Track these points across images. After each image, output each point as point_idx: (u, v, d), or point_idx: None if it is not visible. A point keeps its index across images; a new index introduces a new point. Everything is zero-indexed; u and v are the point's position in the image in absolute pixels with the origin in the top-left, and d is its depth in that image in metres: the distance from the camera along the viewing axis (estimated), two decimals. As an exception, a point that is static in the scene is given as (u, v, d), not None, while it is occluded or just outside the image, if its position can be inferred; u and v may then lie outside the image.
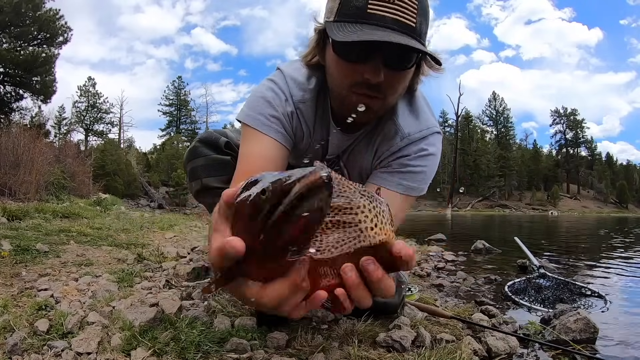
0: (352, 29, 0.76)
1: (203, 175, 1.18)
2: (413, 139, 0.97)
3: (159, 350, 0.86)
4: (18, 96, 19.40)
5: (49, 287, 1.25)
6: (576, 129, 47.56)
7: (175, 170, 28.87)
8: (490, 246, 3.04)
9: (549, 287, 1.74)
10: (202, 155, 1.21)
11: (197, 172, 1.20)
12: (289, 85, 0.96)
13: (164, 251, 1.92)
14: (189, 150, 1.25)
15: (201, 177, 1.18)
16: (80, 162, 9.68)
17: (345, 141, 1.03)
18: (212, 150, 1.21)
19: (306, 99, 0.97)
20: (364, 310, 1.10)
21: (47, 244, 1.87)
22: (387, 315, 1.13)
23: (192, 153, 1.23)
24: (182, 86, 42.89)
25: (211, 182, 1.17)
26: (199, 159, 1.20)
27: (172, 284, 1.39)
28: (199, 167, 1.20)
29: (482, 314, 1.26)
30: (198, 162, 1.20)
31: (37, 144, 6.33)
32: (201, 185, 1.18)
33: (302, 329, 1.02)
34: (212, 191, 1.17)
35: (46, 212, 3.10)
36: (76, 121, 35.17)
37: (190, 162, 1.22)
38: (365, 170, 1.05)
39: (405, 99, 0.98)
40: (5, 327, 0.91)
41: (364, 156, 1.03)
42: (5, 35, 17.51)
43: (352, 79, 0.82)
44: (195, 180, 1.20)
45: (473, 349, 0.95)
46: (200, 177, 1.18)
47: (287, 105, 0.96)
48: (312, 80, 0.96)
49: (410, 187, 0.97)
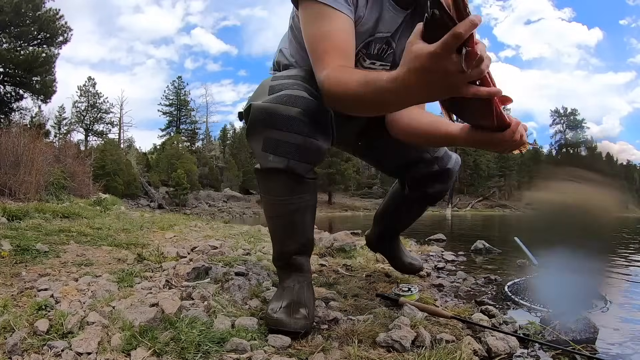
0: None
1: (290, 156, 0.96)
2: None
3: (159, 350, 0.86)
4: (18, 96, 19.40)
5: (49, 287, 1.25)
6: (576, 129, 47.57)
7: (175, 170, 28.87)
8: (490, 246, 3.03)
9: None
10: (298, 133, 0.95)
11: (283, 147, 0.96)
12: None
13: (164, 251, 1.92)
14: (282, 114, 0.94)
15: (288, 157, 0.96)
16: (80, 162, 9.68)
17: (396, 19, 1.07)
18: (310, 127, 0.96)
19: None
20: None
21: (47, 244, 1.87)
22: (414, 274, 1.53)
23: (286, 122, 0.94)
24: (182, 86, 42.87)
25: (297, 168, 0.98)
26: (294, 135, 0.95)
27: (172, 284, 1.39)
28: (290, 143, 0.96)
29: (482, 314, 1.26)
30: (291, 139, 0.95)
31: (37, 144, 6.32)
32: (285, 166, 0.97)
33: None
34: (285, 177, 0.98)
35: (46, 212, 3.10)
36: (76, 121, 35.16)
37: (275, 130, 0.95)
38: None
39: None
40: (5, 327, 0.91)
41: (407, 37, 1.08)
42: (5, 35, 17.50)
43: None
44: (278, 156, 0.97)
45: (473, 349, 0.95)
46: (287, 157, 0.97)
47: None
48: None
49: None
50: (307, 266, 1.15)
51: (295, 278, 1.11)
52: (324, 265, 1.90)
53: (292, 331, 0.98)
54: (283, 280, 1.12)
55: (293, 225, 1.08)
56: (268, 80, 1.04)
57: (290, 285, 1.09)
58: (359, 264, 2.01)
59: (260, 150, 0.98)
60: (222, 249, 2.08)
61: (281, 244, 1.12)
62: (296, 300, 1.05)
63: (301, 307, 1.04)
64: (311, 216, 1.10)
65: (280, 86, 0.98)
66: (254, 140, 0.99)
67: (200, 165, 34.38)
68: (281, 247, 1.13)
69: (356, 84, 0.83)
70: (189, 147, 39.69)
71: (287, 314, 1.01)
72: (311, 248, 1.17)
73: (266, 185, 1.05)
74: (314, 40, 0.96)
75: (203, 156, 38.80)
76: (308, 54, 0.99)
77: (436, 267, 2.12)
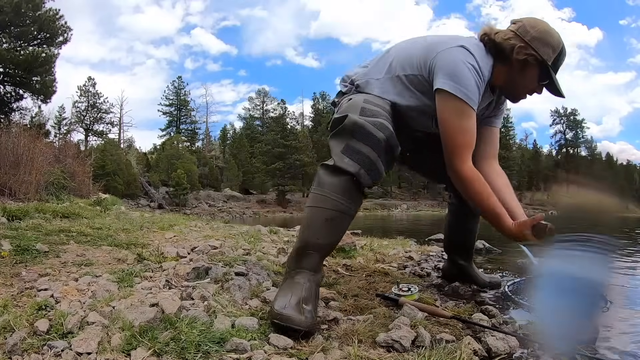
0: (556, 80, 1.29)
1: (363, 166, 1.13)
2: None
3: (159, 350, 0.86)
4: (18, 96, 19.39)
5: (49, 287, 1.25)
6: (576, 129, 47.55)
7: (175, 170, 28.86)
8: (490, 246, 3.04)
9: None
10: (376, 152, 1.15)
11: (360, 157, 1.14)
12: (481, 66, 1.23)
13: (164, 251, 1.92)
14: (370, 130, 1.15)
15: (361, 166, 1.13)
16: (80, 162, 9.66)
17: (485, 101, 1.37)
18: (385, 153, 1.17)
19: (485, 78, 1.27)
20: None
21: (47, 244, 1.87)
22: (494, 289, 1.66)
23: (372, 140, 1.14)
24: (182, 86, 42.83)
25: (362, 178, 1.14)
26: (373, 152, 1.14)
27: (172, 284, 1.38)
28: (368, 157, 1.14)
29: (482, 314, 1.26)
30: (370, 154, 1.14)
31: (37, 144, 6.31)
32: (355, 171, 1.13)
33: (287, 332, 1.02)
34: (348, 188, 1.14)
35: (46, 212, 3.09)
36: (76, 121, 35.13)
37: (360, 142, 1.14)
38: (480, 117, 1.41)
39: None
40: (5, 327, 0.91)
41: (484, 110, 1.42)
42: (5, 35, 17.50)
43: (533, 91, 1.34)
44: (353, 162, 1.13)
45: (473, 349, 0.95)
46: (360, 165, 1.13)
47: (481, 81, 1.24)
48: (488, 63, 1.28)
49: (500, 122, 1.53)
50: (321, 268, 1.19)
51: (306, 275, 1.12)
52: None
53: (302, 329, 0.98)
54: (294, 276, 1.12)
55: (333, 222, 1.15)
56: (360, 99, 1.24)
57: (300, 281, 1.10)
58: (359, 264, 2.01)
59: (339, 151, 1.15)
60: (222, 249, 2.08)
61: (314, 235, 1.15)
62: (305, 297, 1.07)
63: (308, 305, 1.05)
64: (347, 225, 1.20)
65: (372, 112, 1.19)
66: (336, 141, 1.17)
67: (200, 165, 34.37)
68: (312, 238, 1.14)
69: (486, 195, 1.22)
70: (189, 147, 39.66)
71: (298, 311, 1.02)
72: (329, 253, 1.27)
73: (327, 180, 1.15)
74: (455, 131, 1.22)
75: (203, 156, 38.77)
76: (444, 137, 1.24)
77: (436, 267, 2.12)
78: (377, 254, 2.40)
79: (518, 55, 1.25)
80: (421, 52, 1.27)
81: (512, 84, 1.33)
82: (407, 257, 2.38)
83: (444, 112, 1.22)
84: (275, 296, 1.10)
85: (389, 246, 2.83)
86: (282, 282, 1.16)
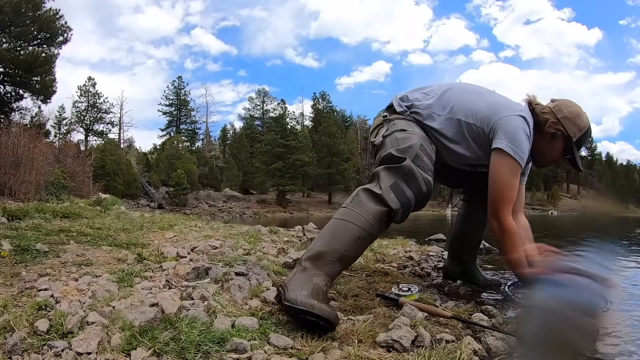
0: (578, 155, 1.50)
1: (402, 207, 1.29)
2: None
3: (159, 350, 0.86)
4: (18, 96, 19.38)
5: (49, 287, 1.25)
6: (576, 129, 47.44)
7: (175, 170, 28.85)
8: (490, 246, 3.03)
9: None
10: (416, 198, 1.32)
11: (404, 199, 1.30)
12: (530, 135, 1.42)
13: (164, 251, 1.92)
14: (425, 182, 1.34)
15: (400, 206, 1.28)
16: (80, 162, 9.66)
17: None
18: (422, 200, 1.34)
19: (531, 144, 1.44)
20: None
21: (47, 244, 1.87)
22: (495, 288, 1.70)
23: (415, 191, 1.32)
24: (182, 86, 42.83)
25: (396, 216, 1.30)
26: (413, 196, 1.31)
27: (172, 284, 1.38)
28: (409, 200, 1.31)
29: (482, 314, 1.26)
30: (411, 199, 1.31)
31: (37, 144, 6.32)
32: (394, 209, 1.27)
33: (302, 329, 1.02)
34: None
35: (46, 212, 3.09)
36: (76, 121, 35.11)
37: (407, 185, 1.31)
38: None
39: None
40: (5, 327, 0.91)
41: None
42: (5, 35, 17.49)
43: (557, 160, 1.54)
44: (397, 200, 1.28)
45: (473, 349, 0.95)
46: (400, 206, 1.28)
47: (530, 147, 1.42)
48: (532, 130, 1.45)
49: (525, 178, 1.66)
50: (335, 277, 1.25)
51: (324, 279, 1.14)
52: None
53: (333, 321, 1.00)
54: (312, 276, 1.13)
55: (362, 240, 1.24)
56: (417, 143, 1.39)
57: (319, 282, 1.12)
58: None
59: (387, 185, 1.29)
60: (222, 249, 2.08)
61: (343, 247, 1.20)
62: (325, 298, 1.10)
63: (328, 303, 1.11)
64: (365, 247, 1.33)
65: (424, 165, 1.36)
66: (389, 175, 1.31)
67: (200, 165, 34.38)
68: (341, 249, 1.20)
69: (519, 248, 1.40)
70: (189, 147, 39.66)
71: (325, 303, 1.06)
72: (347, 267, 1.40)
73: (367, 203, 1.27)
74: (506, 186, 1.39)
75: (203, 156, 38.79)
76: (494, 189, 1.40)
77: (436, 267, 2.12)
78: (377, 254, 2.40)
79: (549, 129, 1.45)
80: (486, 109, 1.45)
81: (541, 151, 1.49)
82: (407, 257, 2.38)
83: (499, 168, 1.39)
84: (288, 287, 1.10)
85: (389, 246, 2.83)
86: (295, 276, 1.15)
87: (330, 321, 0.99)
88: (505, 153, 1.36)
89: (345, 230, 1.23)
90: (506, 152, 1.36)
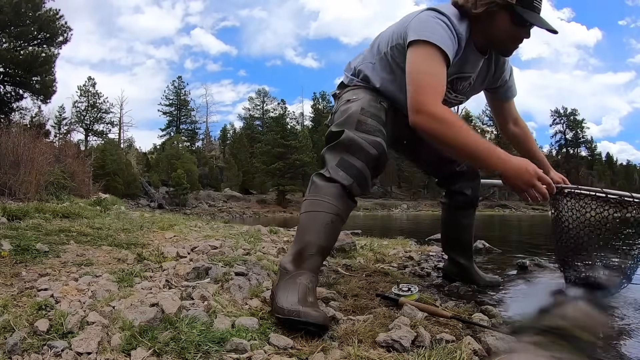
0: (529, 15, 1.24)
1: (355, 180, 1.21)
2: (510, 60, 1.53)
3: (159, 350, 0.86)
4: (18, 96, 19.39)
5: (49, 287, 1.25)
6: (576, 129, 47.53)
7: (175, 170, 28.85)
8: (490, 246, 3.03)
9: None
10: (368, 168, 1.23)
11: (354, 171, 1.21)
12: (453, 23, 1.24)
13: (164, 251, 1.92)
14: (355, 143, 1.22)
15: (354, 179, 1.21)
16: (80, 162, 9.66)
17: (478, 62, 1.41)
18: (376, 169, 1.25)
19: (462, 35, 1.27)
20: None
21: (47, 244, 1.87)
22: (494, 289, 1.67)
23: (366, 157, 1.22)
24: (182, 86, 42.85)
25: (354, 190, 1.22)
26: (365, 167, 1.22)
27: (172, 284, 1.38)
28: (360, 171, 1.22)
29: (482, 314, 1.26)
30: (363, 169, 1.22)
31: (37, 144, 6.31)
32: (349, 184, 1.20)
33: (301, 329, 1.02)
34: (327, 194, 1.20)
35: (46, 212, 3.09)
36: (76, 121, 35.13)
37: (354, 157, 1.21)
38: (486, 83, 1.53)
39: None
40: (5, 327, 0.91)
41: (485, 74, 1.49)
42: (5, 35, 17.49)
43: (517, 37, 1.31)
44: (347, 175, 1.20)
45: (473, 349, 0.95)
46: (353, 179, 1.21)
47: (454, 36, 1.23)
48: (462, 23, 1.28)
49: (515, 90, 1.61)
50: (320, 272, 1.23)
51: (308, 277, 1.13)
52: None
53: (322, 324, 0.99)
54: (296, 277, 1.12)
55: (332, 225, 1.19)
56: (357, 110, 1.29)
57: (304, 282, 1.10)
58: (359, 264, 2.01)
59: (334, 164, 1.22)
60: (222, 249, 2.08)
61: (316, 237, 1.17)
62: (313, 298, 1.09)
63: (317, 303, 1.09)
64: (339, 228, 1.25)
65: (368, 128, 1.25)
66: (332, 154, 1.25)
67: (200, 165, 34.40)
68: (315, 239, 1.17)
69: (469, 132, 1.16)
70: (189, 147, 39.68)
71: (312, 307, 1.03)
72: (327, 256, 1.33)
73: (322, 188, 1.22)
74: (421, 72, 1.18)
75: (203, 156, 38.80)
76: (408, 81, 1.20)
77: (436, 267, 2.12)
78: (377, 254, 2.40)
79: (480, 8, 1.25)
80: (400, 24, 1.32)
81: (490, 38, 1.32)
82: (407, 257, 2.38)
83: (412, 59, 1.20)
84: (276, 295, 1.10)
85: (389, 246, 2.83)
86: (280, 283, 1.14)
87: (319, 324, 0.99)
88: (415, 42, 1.19)
89: (311, 221, 1.19)
90: (416, 41, 1.19)
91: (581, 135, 47.74)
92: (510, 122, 1.66)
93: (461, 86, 1.45)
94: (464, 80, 1.44)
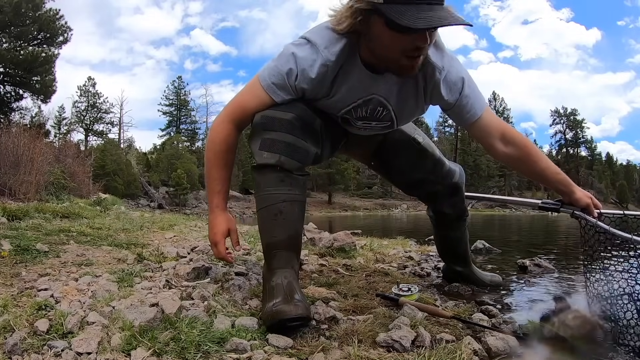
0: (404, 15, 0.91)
1: (281, 153, 1.10)
2: (447, 70, 1.15)
3: (159, 350, 0.86)
4: (18, 96, 19.40)
5: (49, 287, 1.25)
6: (576, 129, 47.56)
7: (175, 170, 28.86)
8: (490, 246, 3.03)
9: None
10: (290, 133, 1.11)
11: (276, 145, 1.10)
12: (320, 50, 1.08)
13: (164, 251, 1.92)
14: (279, 121, 1.11)
15: (279, 154, 1.10)
16: (80, 162, 9.67)
17: (394, 86, 1.16)
18: (301, 130, 1.12)
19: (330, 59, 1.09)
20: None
21: (47, 244, 1.87)
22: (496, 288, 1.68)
23: (281, 124, 1.10)
24: (182, 86, 42.88)
25: (286, 164, 1.10)
26: (286, 134, 1.10)
27: (172, 284, 1.38)
28: (282, 142, 1.10)
29: (482, 314, 1.26)
30: (284, 138, 1.10)
31: (37, 144, 6.32)
32: (276, 161, 1.10)
33: (301, 329, 1.02)
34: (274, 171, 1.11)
35: (46, 212, 3.09)
36: (76, 121, 35.15)
37: (272, 131, 1.11)
38: (417, 110, 1.26)
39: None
40: (5, 327, 0.91)
41: (412, 98, 1.20)
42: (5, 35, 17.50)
43: (404, 46, 0.99)
44: (271, 153, 1.10)
45: (473, 349, 0.95)
46: (279, 153, 1.10)
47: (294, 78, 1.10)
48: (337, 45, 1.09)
49: (476, 108, 1.21)
50: (295, 264, 1.15)
51: (281, 274, 1.09)
52: (324, 265, 1.90)
53: (297, 315, 0.98)
54: (269, 279, 1.11)
55: (281, 214, 1.12)
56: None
57: (278, 282, 1.08)
58: (359, 264, 2.01)
59: (257, 149, 1.12)
60: (222, 249, 2.08)
61: (269, 235, 1.13)
62: (289, 292, 1.05)
63: (295, 294, 1.05)
64: (299, 211, 1.15)
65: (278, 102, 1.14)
66: (253, 142, 1.14)
67: (200, 165, 34.32)
68: (269, 238, 1.13)
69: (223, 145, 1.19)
70: (189, 147, 39.68)
71: (286, 302, 1.01)
72: (299, 245, 1.19)
73: (260, 180, 1.14)
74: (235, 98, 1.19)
75: (203, 156, 38.78)
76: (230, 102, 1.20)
77: (436, 267, 2.12)
78: (377, 254, 2.40)
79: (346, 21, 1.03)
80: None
81: (375, 54, 1.07)
82: (407, 257, 2.38)
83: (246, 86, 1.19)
84: (262, 302, 1.11)
85: (389, 246, 2.83)
86: (262, 292, 1.15)
87: (299, 317, 0.99)
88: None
89: (262, 221, 1.14)
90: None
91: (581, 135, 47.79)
92: (495, 143, 1.24)
93: (370, 111, 1.22)
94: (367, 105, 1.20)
